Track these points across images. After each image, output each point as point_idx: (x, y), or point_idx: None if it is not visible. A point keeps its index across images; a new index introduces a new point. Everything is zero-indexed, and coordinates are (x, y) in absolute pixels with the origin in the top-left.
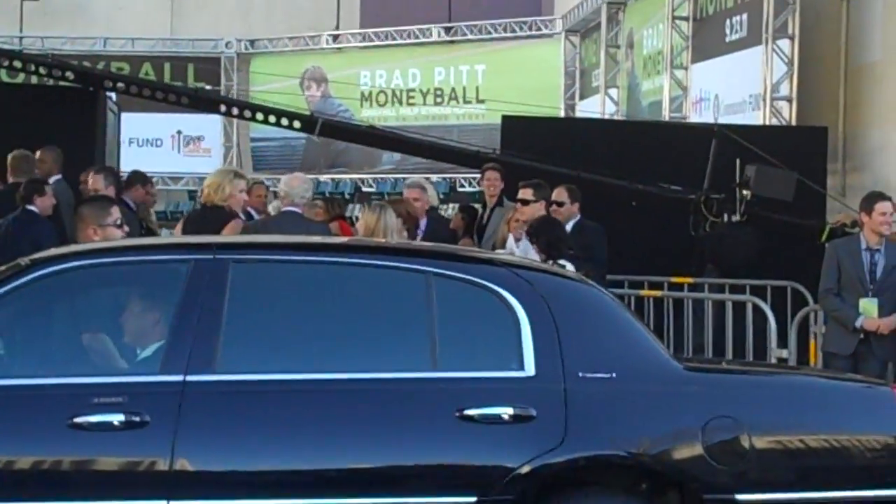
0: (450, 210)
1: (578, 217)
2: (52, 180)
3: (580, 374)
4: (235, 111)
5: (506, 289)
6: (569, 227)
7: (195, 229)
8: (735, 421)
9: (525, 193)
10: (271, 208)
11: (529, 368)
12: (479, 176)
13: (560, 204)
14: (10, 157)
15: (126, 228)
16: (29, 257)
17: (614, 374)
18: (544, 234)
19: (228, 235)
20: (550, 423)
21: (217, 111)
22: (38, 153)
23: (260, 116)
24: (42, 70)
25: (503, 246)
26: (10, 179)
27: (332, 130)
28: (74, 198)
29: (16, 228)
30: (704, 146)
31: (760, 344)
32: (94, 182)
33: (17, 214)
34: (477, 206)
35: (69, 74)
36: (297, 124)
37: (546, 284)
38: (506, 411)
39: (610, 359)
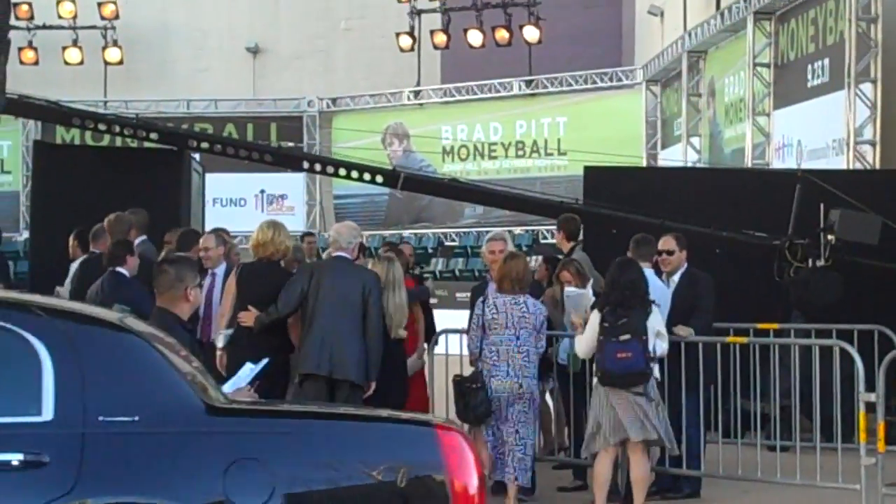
0: (533, 262)
1: (686, 266)
2: (137, 241)
3: (100, 419)
4: (318, 167)
5: (30, 332)
6: (677, 276)
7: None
8: (259, 462)
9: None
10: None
11: (47, 413)
12: None
13: (670, 252)
14: (106, 221)
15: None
16: None
17: (137, 418)
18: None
19: None
20: (63, 469)
21: (300, 168)
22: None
23: (343, 172)
24: (127, 131)
25: None
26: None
27: (415, 184)
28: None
29: (107, 291)
30: (788, 192)
31: (848, 388)
32: (206, 241)
33: (106, 277)
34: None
35: (153, 135)
36: (379, 179)
37: (75, 328)
38: (15, 457)
39: (135, 402)
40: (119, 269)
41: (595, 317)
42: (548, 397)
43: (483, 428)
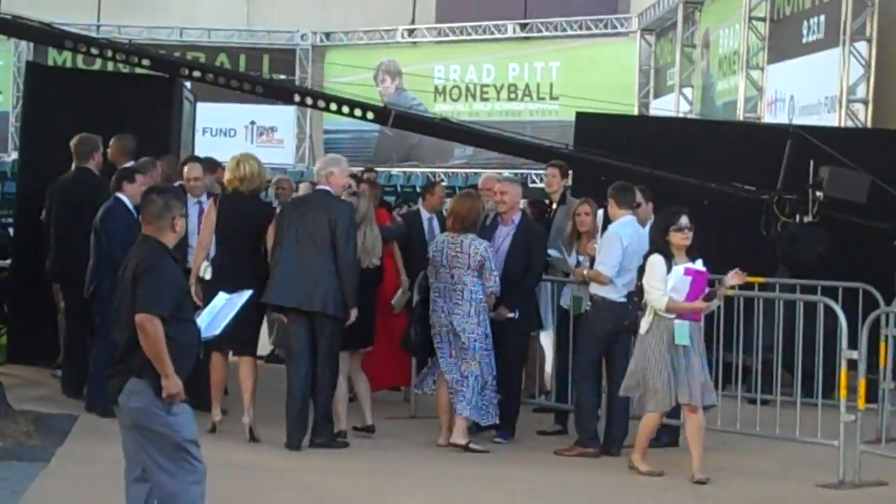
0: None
1: (653, 218)
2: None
3: None
4: (309, 100)
5: None
6: (647, 227)
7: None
8: None
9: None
10: (301, 188)
11: None
12: None
13: (637, 205)
14: (72, 142)
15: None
16: None
17: None
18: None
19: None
20: None
21: (291, 100)
22: (111, 141)
23: (334, 106)
24: (118, 56)
25: (570, 241)
26: (75, 164)
27: (406, 122)
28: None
29: (104, 218)
30: (779, 147)
31: (831, 345)
32: (191, 170)
33: (109, 203)
34: (547, 200)
35: (145, 61)
36: (370, 115)
37: None
38: None
39: None
40: (120, 194)
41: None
42: (542, 339)
43: (435, 362)
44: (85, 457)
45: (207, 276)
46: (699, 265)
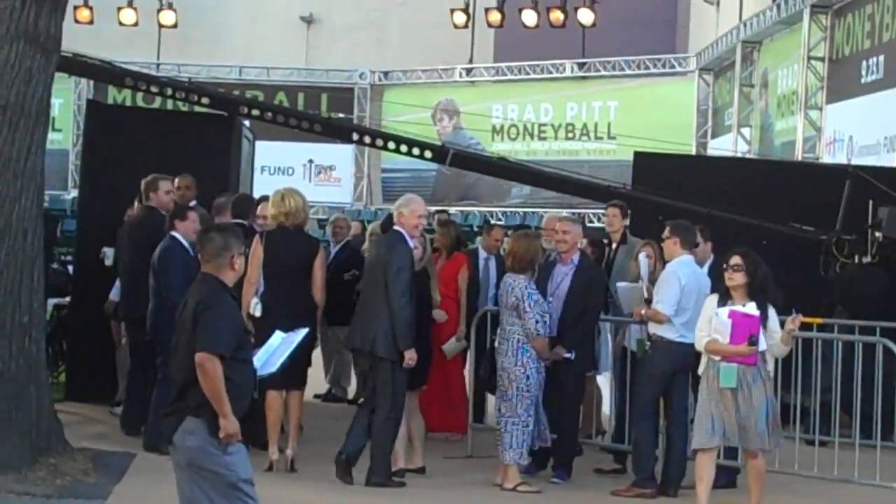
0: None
1: (712, 258)
2: (191, 206)
3: None
4: (367, 139)
5: None
6: (705, 267)
7: (279, 250)
8: None
9: (665, 231)
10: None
11: None
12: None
13: (696, 245)
14: (144, 181)
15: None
16: None
17: None
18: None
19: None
20: None
21: (349, 139)
22: (176, 180)
23: (392, 145)
24: (178, 94)
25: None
26: (143, 202)
27: (463, 161)
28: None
29: (160, 258)
30: (837, 187)
31: (890, 386)
32: (263, 210)
33: (165, 243)
34: (606, 240)
35: (205, 100)
36: (428, 154)
37: None
38: None
39: None
40: (174, 233)
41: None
42: (599, 380)
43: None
44: (141, 495)
45: (257, 314)
46: (749, 308)
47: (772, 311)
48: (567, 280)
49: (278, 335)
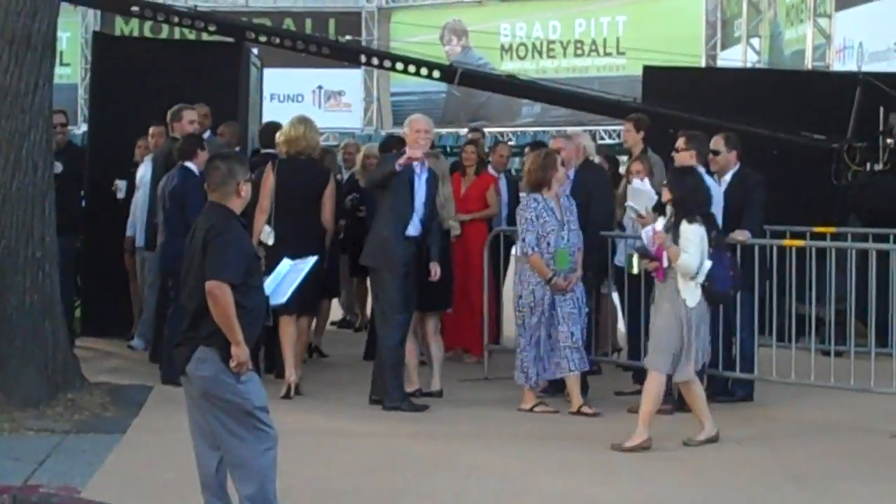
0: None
1: (738, 166)
2: (205, 136)
3: None
4: (375, 61)
5: None
6: (727, 176)
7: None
8: None
9: (679, 142)
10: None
11: None
12: (620, 128)
13: (716, 153)
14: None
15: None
16: None
17: None
18: (685, 191)
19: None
20: None
21: (357, 61)
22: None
23: (400, 66)
24: (184, 21)
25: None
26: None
27: (472, 80)
28: None
29: (176, 185)
30: (848, 95)
31: None
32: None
33: (176, 171)
34: (621, 157)
35: (211, 26)
36: (436, 74)
37: None
38: None
39: None
40: (188, 163)
41: (698, 229)
42: (615, 297)
43: None
44: (160, 427)
45: (270, 242)
46: (658, 224)
47: (689, 228)
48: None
49: (286, 262)
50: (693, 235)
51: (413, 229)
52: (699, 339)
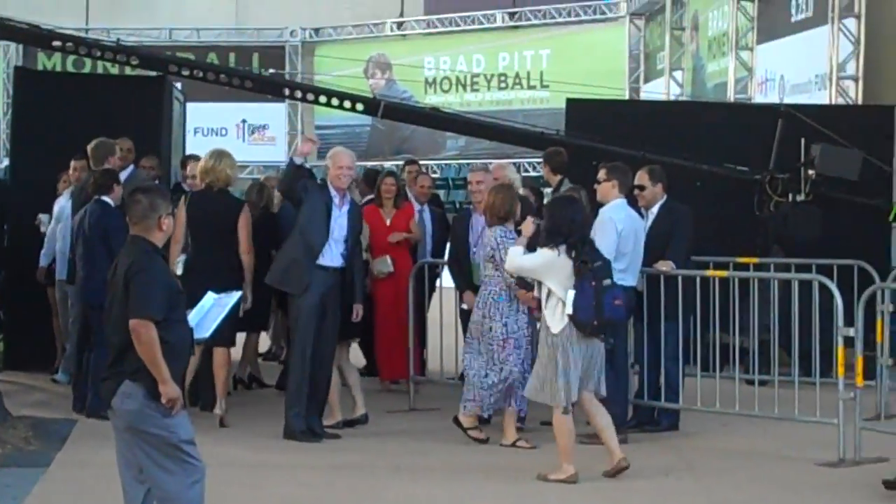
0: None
1: (664, 198)
2: (129, 170)
3: None
4: (299, 94)
5: None
6: (654, 209)
7: (200, 211)
8: None
9: (599, 173)
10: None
11: None
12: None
13: (641, 188)
14: (90, 146)
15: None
16: None
17: None
18: (548, 217)
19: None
20: None
21: (280, 94)
22: (117, 143)
23: (323, 99)
24: (107, 55)
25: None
26: (92, 167)
27: (396, 112)
28: None
29: (92, 220)
30: (770, 126)
31: (827, 323)
32: (192, 169)
33: (91, 205)
34: (545, 189)
35: (134, 60)
36: (360, 107)
37: None
38: None
39: None
40: (104, 197)
41: (550, 253)
42: None
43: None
44: (84, 460)
45: (178, 271)
46: None
47: (540, 250)
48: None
49: (210, 296)
50: (538, 255)
51: (330, 259)
52: (575, 369)
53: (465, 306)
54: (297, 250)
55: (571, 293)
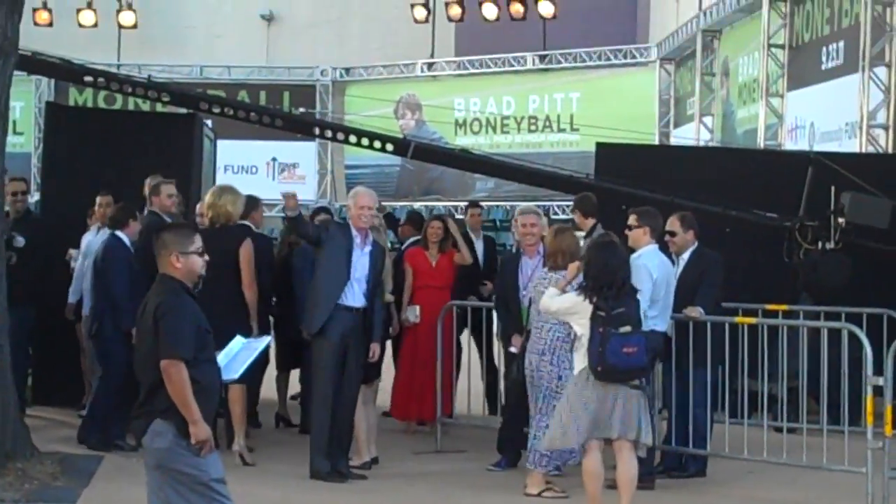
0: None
1: (695, 245)
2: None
3: None
4: (329, 133)
5: None
6: (685, 255)
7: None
8: None
9: (630, 219)
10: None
11: None
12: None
13: (672, 234)
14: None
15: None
16: None
17: None
18: (592, 265)
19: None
20: None
21: (310, 133)
22: (147, 180)
23: (353, 139)
24: (138, 91)
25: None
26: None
27: (425, 153)
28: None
29: (104, 257)
30: (800, 174)
31: (856, 372)
32: (202, 208)
33: (106, 240)
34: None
35: (165, 96)
36: (389, 147)
37: None
38: None
39: None
40: (118, 232)
41: (576, 297)
42: None
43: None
44: (111, 497)
45: None
46: None
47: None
48: (540, 269)
49: (239, 340)
50: (566, 298)
51: (353, 299)
52: (585, 412)
53: (513, 349)
54: (317, 291)
55: (586, 338)
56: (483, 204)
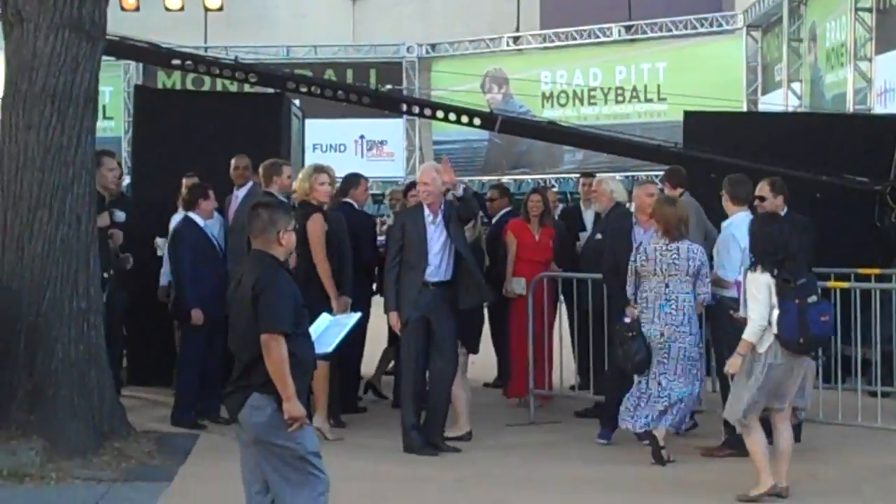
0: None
1: (785, 210)
2: (247, 186)
3: None
4: (416, 109)
5: None
6: None
7: None
8: None
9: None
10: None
11: None
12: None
13: (762, 199)
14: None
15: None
16: None
17: None
18: (751, 238)
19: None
20: None
21: (398, 110)
22: (232, 161)
23: (440, 114)
24: (225, 73)
25: None
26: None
27: (513, 127)
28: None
29: (172, 237)
30: (890, 137)
31: None
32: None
33: (179, 222)
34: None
35: (252, 77)
36: (477, 121)
37: None
38: None
39: None
40: (190, 213)
41: (764, 278)
42: None
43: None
44: (207, 474)
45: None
46: None
47: (750, 278)
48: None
49: (326, 317)
50: (751, 285)
51: (433, 274)
52: (765, 387)
53: (627, 319)
54: (402, 276)
55: (776, 312)
56: (572, 176)
